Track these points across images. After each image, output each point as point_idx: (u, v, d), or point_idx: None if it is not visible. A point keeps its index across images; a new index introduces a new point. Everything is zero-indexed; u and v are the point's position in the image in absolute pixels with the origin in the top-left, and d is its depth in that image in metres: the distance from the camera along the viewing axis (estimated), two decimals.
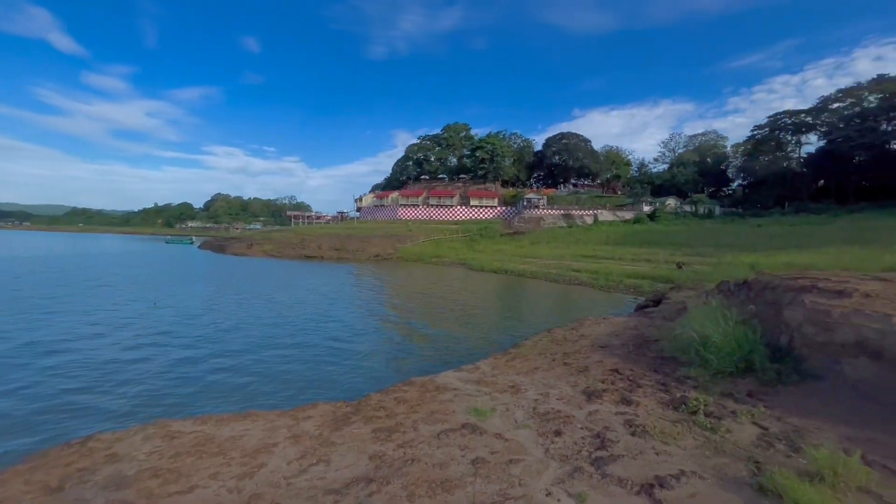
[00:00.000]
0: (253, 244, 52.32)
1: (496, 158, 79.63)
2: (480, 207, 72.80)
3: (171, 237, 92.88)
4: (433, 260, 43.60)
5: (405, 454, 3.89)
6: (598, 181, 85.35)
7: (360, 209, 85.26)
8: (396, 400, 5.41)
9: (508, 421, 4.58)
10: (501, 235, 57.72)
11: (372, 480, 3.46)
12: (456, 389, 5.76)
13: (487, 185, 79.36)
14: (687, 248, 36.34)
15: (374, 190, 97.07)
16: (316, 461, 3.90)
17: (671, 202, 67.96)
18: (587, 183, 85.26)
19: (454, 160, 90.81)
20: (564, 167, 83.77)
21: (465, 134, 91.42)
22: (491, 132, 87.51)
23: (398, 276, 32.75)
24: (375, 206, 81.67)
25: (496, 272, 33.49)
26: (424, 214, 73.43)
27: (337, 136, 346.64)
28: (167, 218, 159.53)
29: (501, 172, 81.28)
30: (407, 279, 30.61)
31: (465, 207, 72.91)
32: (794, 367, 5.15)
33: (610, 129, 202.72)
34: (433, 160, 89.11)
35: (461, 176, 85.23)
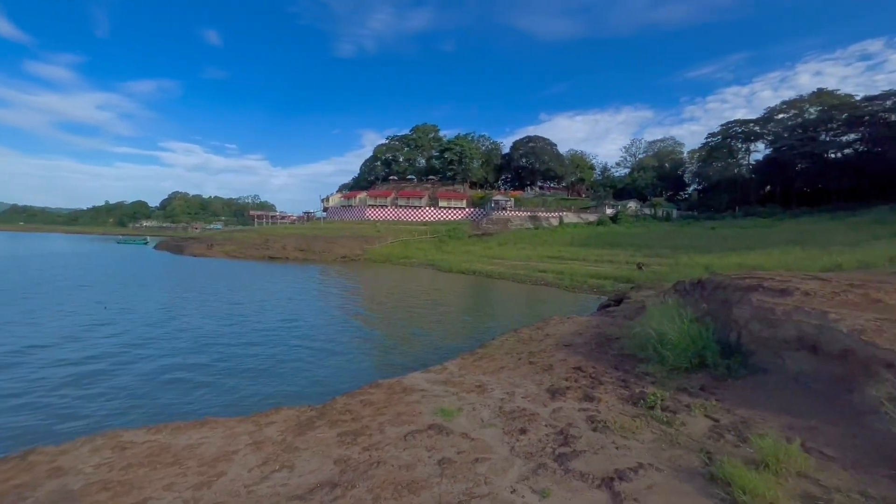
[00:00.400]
0: (213, 244, 50.33)
1: (465, 160, 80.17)
2: (449, 209, 73.03)
3: (123, 237, 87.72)
4: (401, 261, 43.38)
5: (371, 457, 3.86)
6: (563, 184, 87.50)
7: (326, 209, 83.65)
8: (363, 402, 5.34)
9: (475, 420, 4.62)
10: (470, 237, 58.11)
11: (337, 485, 3.41)
12: (423, 390, 5.76)
13: (456, 186, 79.77)
14: (647, 249, 37.84)
15: (341, 190, 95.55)
16: (279, 467, 3.80)
17: (632, 205, 70.57)
18: (553, 186, 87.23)
19: (423, 161, 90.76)
20: (531, 170, 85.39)
21: (433, 135, 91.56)
22: (460, 134, 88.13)
23: (366, 277, 32.37)
24: (343, 206, 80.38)
25: (464, 273, 33.70)
26: (393, 215, 72.94)
27: (303, 134, 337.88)
28: (119, 217, 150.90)
29: (470, 174, 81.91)
30: (375, 280, 30.30)
31: (433, 209, 72.96)
32: (742, 361, 5.45)
33: (575, 133, 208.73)
34: (402, 161, 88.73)
35: (430, 177, 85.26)
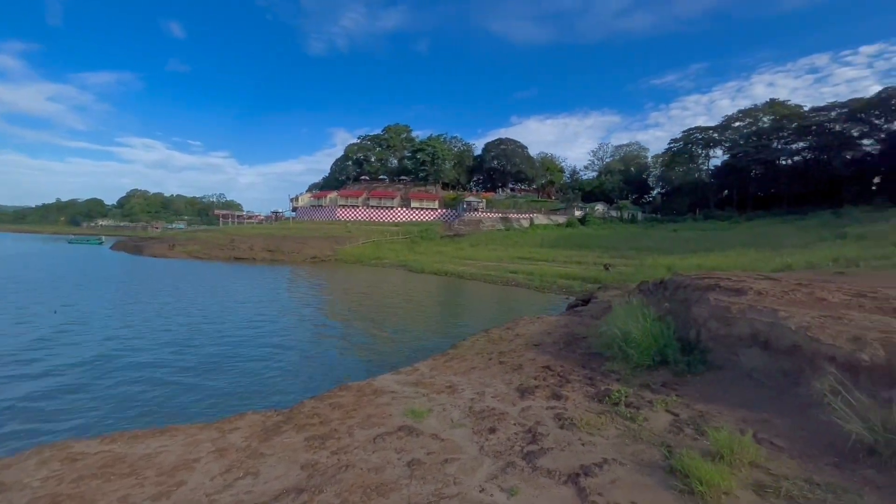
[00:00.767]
0: (175, 245, 48.36)
1: (437, 161, 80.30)
2: (421, 209, 72.93)
3: (75, 236, 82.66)
4: (373, 262, 42.98)
5: (339, 461, 3.80)
6: (534, 186, 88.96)
7: (296, 209, 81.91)
8: (331, 406, 5.25)
9: (445, 421, 4.63)
10: (442, 237, 58.22)
11: (304, 490, 3.33)
12: (393, 392, 5.72)
13: (428, 187, 79.77)
14: (613, 250, 39.00)
15: (311, 189, 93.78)
16: (243, 474, 3.68)
17: (600, 207, 72.57)
18: (524, 188, 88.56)
19: (395, 161, 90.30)
20: (503, 172, 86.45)
21: (406, 135, 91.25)
22: (432, 135, 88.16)
23: (336, 278, 31.88)
24: (313, 206, 78.88)
25: (437, 274, 33.74)
26: (364, 216, 72.19)
27: (271, 131, 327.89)
28: (72, 215, 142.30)
29: (442, 175, 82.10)
30: (346, 281, 29.88)
31: (405, 209, 72.68)
32: (701, 358, 5.69)
33: (545, 136, 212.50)
34: (373, 161, 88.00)
35: (402, 177, 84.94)
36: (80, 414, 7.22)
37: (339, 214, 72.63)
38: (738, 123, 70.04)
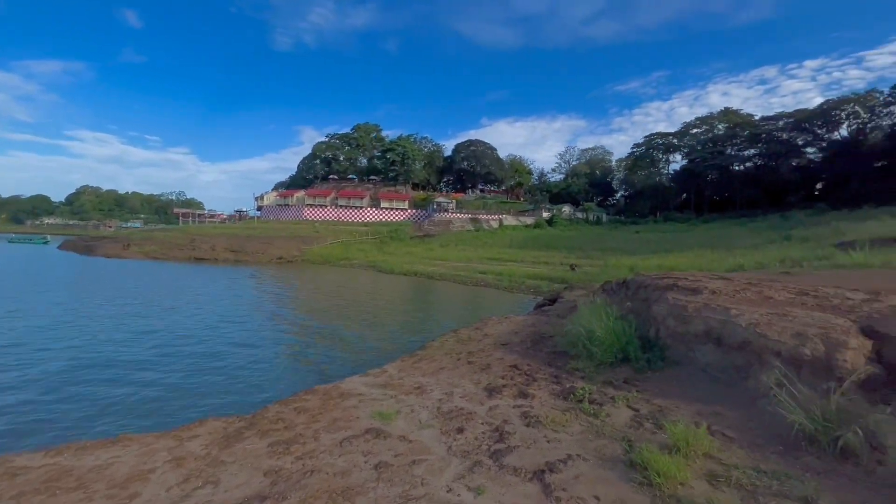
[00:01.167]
0: (131, 244, 45.99)
1: (407, 161, 79.99)
2: (391, 210, 72.44)
3: (17, 235, 77.04)
4: (341, 262, 42.34)
5: (304, 466, 3.72)
6: (503, 187, 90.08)
7: (261, 208, 79.58)
8: (297, 410, 5.14)
9: (413, 422, 4.61)
10: (412, 238, 58.04)
11: (266, 497, 3.25)
12: (361, 395, 5.65)
13: (398, 187, 79.34)
14: (579, 251, 40.03)
15: (277, 188, 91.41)
16: (202, 483, 3.54)
17: (566, 209, 74.31)
18: (493, 189, 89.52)
19: (364, 161, 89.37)
20: (472, 173, 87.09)
21: (375, 135, 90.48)
22: (402, 135, 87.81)
23: (303, 279, 31.19)
24: (279, 205, 76.89)
25: (406, 274, 33.59)
26: (332, 215, 71.00)
27: (235, 128, 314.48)
28: (14, 213, 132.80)
29: (412, 175, 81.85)
30: (313, 282, 29.28)
31: (375, 209, 72.01)
32: (660, 355, 5.93)
33: (514, 138, 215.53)
34: (342, 160, 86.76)
35: (371, 177, 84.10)
36: (22, 427, 6.74)
37: (306, 214, 71.10)
38: (695, 130, 73.59)
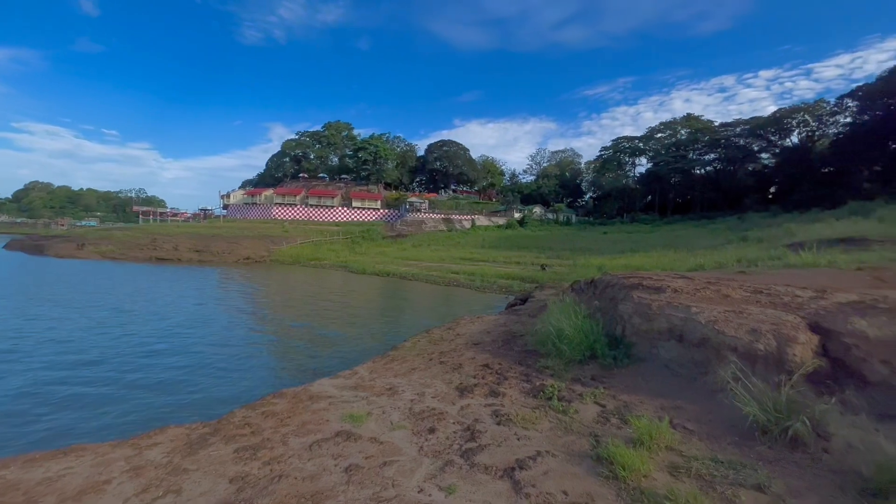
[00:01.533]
0: (86, 244, 43.56)
1: (379, 160, 79.32)
2: (363, 209, 71.65)
3: None
4: (312, 263, 41.55)
5: (272, 471, 3.63)
6: (475, 188, 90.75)
7: (227, 207, 76.98)
8: (264, 414, 5.01)
9: (384, 424, 4.58)
10: (384, 238, 57.62)
11: None
12: (331, 397, 5.57)
13: (370, 186, 78.56)
14: (549, 251, 40.78)
15: (244, 186, 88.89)
16: (163, 493, 3.40)
17: (537, 210, 75.58)
18: (466, 189, 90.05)
19: (336, 159, 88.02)
20: (445, 173, 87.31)
21: (347, 133, 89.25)
22: (374, 134, 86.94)
23: (272, 280, 30.42)
24: (246, 203, 74.65)
25: (378, 275, 33.29)
26: (303, 214, 69.58)
27: (200, 123, 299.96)
28: None
29: (384, 175, 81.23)
30: (282, 283, 28.61)
31: (346, 209, 71.03)
32: (626, 352, 6.12)
33: (487, 139, 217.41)
34: (313, 158, 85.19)
35: (343, 176, 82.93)
36: None
37: (275, 213, 69.38)
38: (659, 135, 76.44)
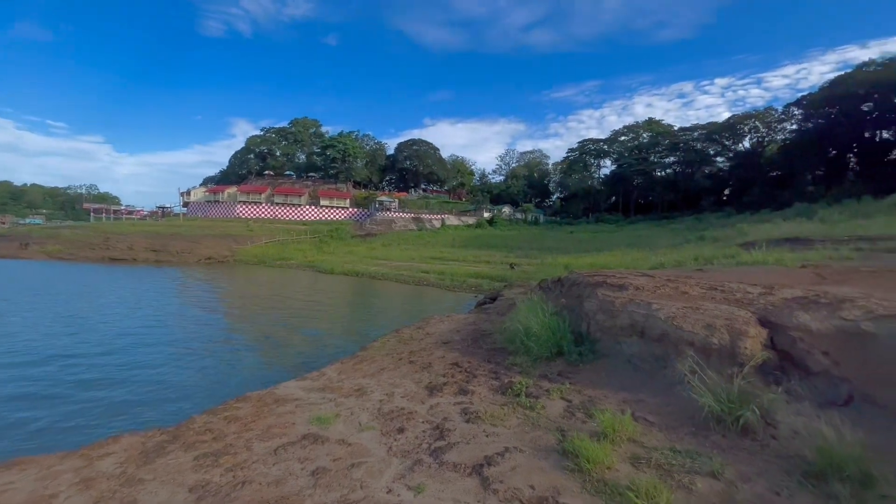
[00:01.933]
0: (30, 243, 40.84)
1: (348, 159, 78.05)
2: (331, 208, 70.40)
3: None
4: (277, 263, 40.49)
5: (235, 477, 3.51)
6: (445, 187, 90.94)
7: (187, 205, 73.87)
8: (227, 419, 4.84)
9: (352, 425, 4.52)
10: (353, 237, 56.86)
11: None
12: (298, 399, 5.45)
13: (339, 185, 77.29)
14: (518, 250, 41.39)
15: (206, 183, 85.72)
16: None
17: (506, 210, 76.60)
18: (436, 189, 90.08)
19: (303, 157, 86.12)
20: (415, 172, 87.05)
21: (315, 130, 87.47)
22: (343, 131, 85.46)
23: (236, 280, 29.43)
24: (208, 201, 71.89)
25: (347, 274, 32.83)
26: (268, 213, 67.65)
27: (158, 116, 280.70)
28: None
29: (353, 173, 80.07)
30: (246, 284, 27.73)
31: (314, 207, 69.58)
32: (591, 348, 6.29)
33: (456, 139, 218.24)
34: (279, 155, 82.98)
35: (310, 174, 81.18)
36: None
37: (238, 211, 67.11)
38: (623, 137, 79.12)
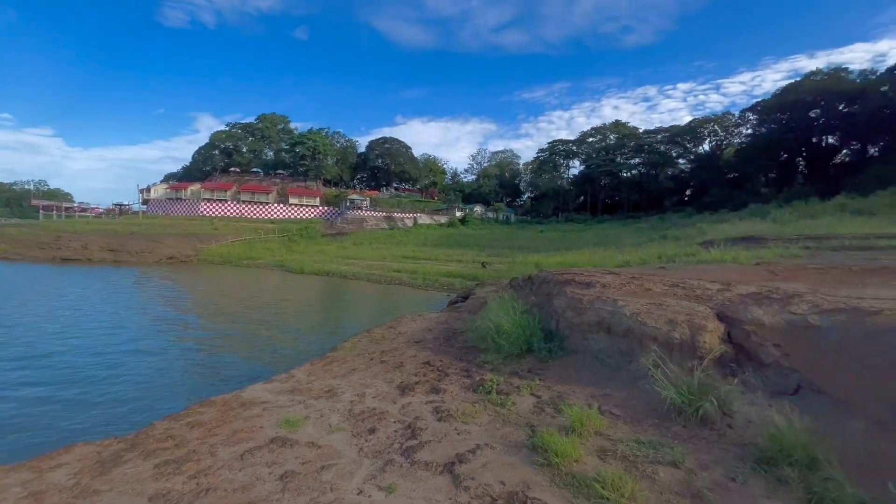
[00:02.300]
0: None
1: (318, 156, 76.50)
2: (301, 206, 68.86)
3: None
4: (244, 262, 39.30)
5: (199, 485, 3.39)
6: (417, 186, 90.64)
7: (147, 202, 70.51)
8: (190, 425, 4.66)
9: (322, 427, 4.45)
10: (323, 236, 55.83)
11: None
12: (266, 403, 5.31)
13: (309, 183, 75.67)
14: (490, 249, 41.76)
15: (168, 180, 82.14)
16: None
17: (478, 209, 77.18)
18: (408, 187, 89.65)
19: (271, 153, 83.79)
20: (387, 171, 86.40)
21: (283, 126, 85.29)
22: (313, 128, 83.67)
23: (200, 281, 28.38)
24: (170, 198, 68.85)
25: (318, 274, 32.22)
26: (234, 211, 65.50)
27: (115, 109, 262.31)
28: None
29: (324, 171, 78.57)
30: (211, 284, 26.78)
31: (283, 206, 67.87)
32: (560, 345, 6.43)
33: (429, 138, 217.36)
34: (245, 151, 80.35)
35: (279, 172, 79.09)
36: None
37: (203, 209, 64.63)
38: (591, 139, 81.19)
